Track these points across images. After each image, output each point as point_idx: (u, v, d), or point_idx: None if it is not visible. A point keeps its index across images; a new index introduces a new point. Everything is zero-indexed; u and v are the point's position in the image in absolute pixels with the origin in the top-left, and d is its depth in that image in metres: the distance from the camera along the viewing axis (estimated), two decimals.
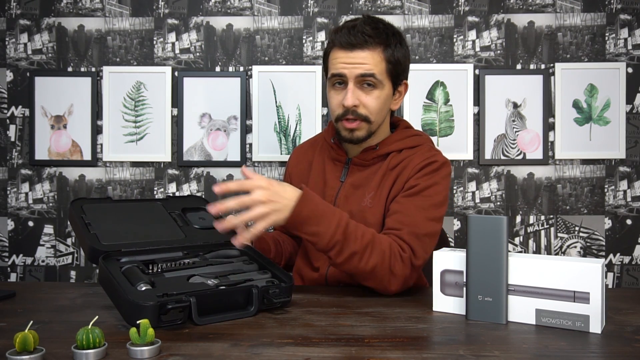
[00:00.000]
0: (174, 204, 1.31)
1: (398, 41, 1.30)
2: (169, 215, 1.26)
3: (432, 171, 1.29)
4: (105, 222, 1.17)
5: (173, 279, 1.04)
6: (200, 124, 2.11)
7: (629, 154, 2.08)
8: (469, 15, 2.10)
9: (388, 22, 1.33)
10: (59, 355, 0.80)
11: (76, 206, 1.20)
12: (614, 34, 2.08)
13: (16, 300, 1.17)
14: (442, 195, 1.28)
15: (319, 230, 1.11)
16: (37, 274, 2.13)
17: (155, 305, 0.91)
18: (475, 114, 2.09)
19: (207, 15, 2.12)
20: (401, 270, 1.16)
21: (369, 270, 1.14)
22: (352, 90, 1.27)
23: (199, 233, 1.24)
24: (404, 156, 1.33)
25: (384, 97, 1.30)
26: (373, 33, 1.26)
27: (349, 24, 1.28)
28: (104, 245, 1.10)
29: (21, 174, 2.13)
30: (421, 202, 1.24)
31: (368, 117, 1.29)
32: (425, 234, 1.22)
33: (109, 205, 1.25)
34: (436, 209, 1.26)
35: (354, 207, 1.32)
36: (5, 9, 2.12)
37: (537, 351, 0.83)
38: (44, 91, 2.11)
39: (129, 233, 1.16)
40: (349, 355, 0.81)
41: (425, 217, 1.23)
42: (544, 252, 2.11)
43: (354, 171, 1.37)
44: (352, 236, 1.12)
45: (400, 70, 1.32)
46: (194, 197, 1.39)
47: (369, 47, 1.26)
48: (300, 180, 1.47)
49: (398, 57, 1.29)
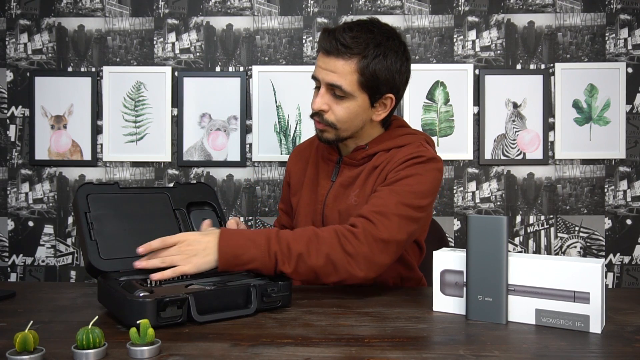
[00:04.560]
0: (180, 195, 1.29)
1: (382, 53, 1.22)
2: (173, 214, 1.26)
3: (416, 163, 1.23)
4: (108, 222, 1.16)
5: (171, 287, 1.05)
6: (200, 124, 2.11)
7: (629, 154, 2.08)
8: (469, 15, 2.10)
9: (385, 30, 1.26)
10: (59, 355, 0.80)
11: (81, 195, 1.17)
12: (614, 34, 2.08)
13: (16, 300, 1.17)
14: (424, 187, 1.21)
15: (253, 254, 1.08)
16: (37, 274, 2.13)
17: (154, 302, 0.91)
18: (475, 114, 2.09)
19: (207, 15, 2.12)
20: (358, 248, 1.10)
21: (323, 262, 1.09)
22: (321, 95, 1.26)
23: None
24: (392, 154, 1.29)
25: (354, 108, 1.25)
26: (350, 42, 1.21)
27: (336, 28, 1.25)
28: (103, 261, 1.10)
29: (21, 174, 2.13)
30: (396, 188, 1.19)
31: (334, 124, 1.27)
32: (395, 214, 1.15)
33: (115, 196, 1.22)
34: (414, 196, 1.19)
35: (342, 207, 1.31)
36: (5, 9, 2.12)
37: (537, 351, 0.83)
38: (44, 91, 2.11)
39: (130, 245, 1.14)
40: (349, 355, 0.81)
41: (397, 200, 1.16)
42: (544, 252, 2.11)
43: (344, 171, 1.36)
44: (290, 240, 1.09)
45: (379, 83, 1.24)
46: (202, 186, 1.37)
47: (343, 57, 1.22)
48: (298, 179, 1.47)
49: (375, 70, 1.22)
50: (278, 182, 2.12)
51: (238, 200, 2.12)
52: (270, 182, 2.12)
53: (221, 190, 2.12)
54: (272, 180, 2.12)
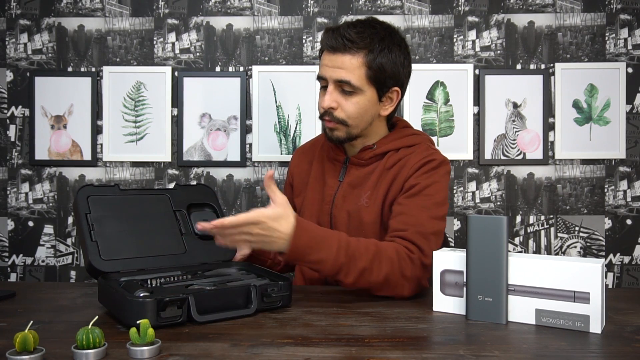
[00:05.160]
0: (181, 197, 1.30)
1: (386, 46, 1.26)
2: (173, 216, 1.26)
3: (431, 169, 1.28)
4: (108, 224, 1.16)
5: (171, 287, 1.06)
6: (200, 124, 2.11)
7: (629, 154, 2.08)
8: (469, 15, 2.10)
9: (386, 26, 1.29)
10: (59, 355, 0.80)
11: (82, 197, 1.18)
12: (614, 34, 2.08)
13: (16, 300, 1.17)
14: (443, 194, 1.28)
15: (321, 257, 1.08)
16: (37, 274, 2.13)
17: (153, 302, 0.92)
18: (475, 114, 2.09)
19: (207, 15, 2.12)
20: (413, 272, 1.15)
21: (382, 281, 1.12)
22: (330, 93, 1.27)
23: (200, 246, 1.24)
24: (402, 155, 1.33)
25: (363, 103, 1.28)
26: (355, 37, 1.24)
27: (339, 26, 1.27)
28: (104, 262, 1.10)
29: (21, 174, 2.13)
30: (423, 202, 1.24)
31: (345, 121, 1.29)
32: (431, 233, 1.21)
33: (115, 197, 1.23)
34: (438, 207, 1.25)
35: (351, 207, 1.32)
36: (5, 9, 2.12)
37: (537, 351, 0.83)
38: (44, 91, 2.11)
39: (130, 244, 1.16)
40: (349, 355, 0.81)
41: (429, 216, 1.22)
42: (544, 252, 2.11)
43: (352, 170, 1.37)
44: (357, 253, 1.10)
45: (386, 77, 1.27)
46: (202, 187, 1.38)
47: (349, 52, 1.24)
48: (301, 180, 1.47)
49: (382, 63, 1.25)
50: (278, 182, 2.11)
51: (238, 200, 2.12)
52: None
53: (221, 190, 2.12)
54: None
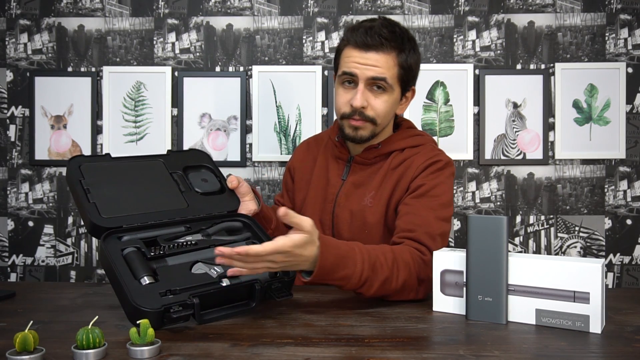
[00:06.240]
0: (175, 162, 1.26)
1: (412, 47, 1.30)
2: (170, 177, 1.21)
3: (437, 170, 1.29)
4: (104, 187, 1.12)
5: (175, 268, 1.03)
6: (200, 124, 2.11)
7: (629, 154, 2.08)
8: (469, 15, 2.10)
9: (404, 26, 1.33)
10: (59, 355, 0.80)
11: (74, 166, 1.13)
12: (614, 34, 2.08)
13: (16, 300, 1.17)
14: (449, 195, 1.29)
15: (347, 273, 1.04)
16: (37, 274, 2.13)
17: (160, 312, 0.91)
18: (475, 114, 2.09)
19: (207, 15, 2.12)
20: (426, 274, 1.14)
21: (400, 287, 1.11)
22: (362, 92, 1.27)
23: (201, 201, 1.20)
24: (407, 155, 1.33)
25: (392, 101, 1.30)
26: (390, 36, 1.26)
27: (367, 24, 1.28)
28: (105, 219, 1.06)
29: (21, 174, 2.13)
30: (429, 203, 1.24)
31: (375, 120, 1.29)
32: (438, 234, 1.21)
33: (108, 164, 1.18)
34: (444, 208, 1.26)
35: (355, 206, 1.32)
36: (5, 9, 2.12)
37: (537, 351, 0.83)
38: (44, 91, 2.11)
39: (130, 202, 1.11)
40: (349, 355, 0.81)
41: (435, 217, 1.23)
42: (544, 252, 2.11)
43: (356, 170, 1.37)
44: (378, 263, 1.08)
45: (411, 76, 1.32)
46: (196, 152, 1.33)
47: (383, 50, 1.26)
48: (303, 176, 1.46)
49: (410, 63, 1.30)
50: (278, 182, 2.11)
51: None
52: (270, 182, 2.12)
53: None
54: (272, 180, 2.12)
